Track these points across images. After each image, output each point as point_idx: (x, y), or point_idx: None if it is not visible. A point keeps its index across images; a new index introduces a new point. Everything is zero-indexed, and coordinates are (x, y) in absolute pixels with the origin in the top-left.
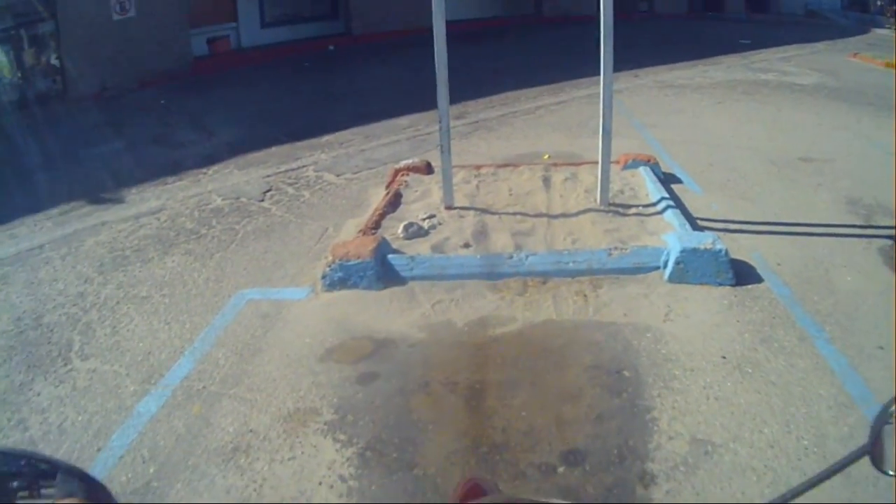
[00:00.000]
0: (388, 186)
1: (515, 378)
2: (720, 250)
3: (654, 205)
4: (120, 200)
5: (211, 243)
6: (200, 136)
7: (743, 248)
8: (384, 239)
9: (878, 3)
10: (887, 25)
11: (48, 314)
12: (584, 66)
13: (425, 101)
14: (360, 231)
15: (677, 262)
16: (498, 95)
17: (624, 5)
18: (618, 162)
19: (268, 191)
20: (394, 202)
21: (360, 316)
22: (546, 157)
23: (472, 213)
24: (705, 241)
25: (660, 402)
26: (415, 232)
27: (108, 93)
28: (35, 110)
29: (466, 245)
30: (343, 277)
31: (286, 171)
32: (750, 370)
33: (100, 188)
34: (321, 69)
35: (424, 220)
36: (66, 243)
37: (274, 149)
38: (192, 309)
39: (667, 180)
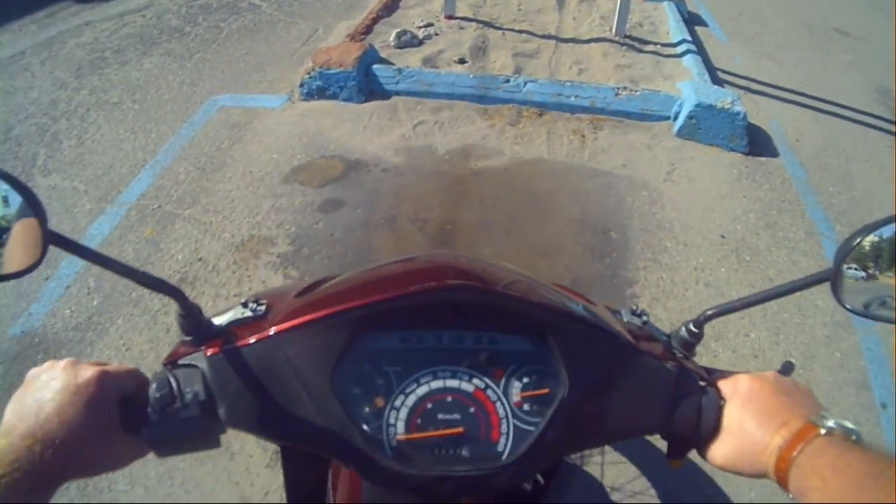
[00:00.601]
0: None
1: (491, 222)
2: (738, 112)
3: (673, 45)
4: None
5: (193, 42)
6: None
7: (762, 112)
8: (371, 47)
9: None
10: None
11: (18, 125)
12: None
13: None
14: (349, 36)
15: (690, 117)
16: None
17: None
18: None
19: None
20: (391, 5)
21: (335, 131)
22: None
23: (473, 25)
24: (724, 98)
25: (644, 276)
26: (407, 41)
27: None
28: None
29: (461, 61)
30: (322, 86)
31: None
32: (748, 258)
33: None
34: None
35: (420, 28)
36: (48, 47)
37: None
38: (161, 116)
39: (691, 21)
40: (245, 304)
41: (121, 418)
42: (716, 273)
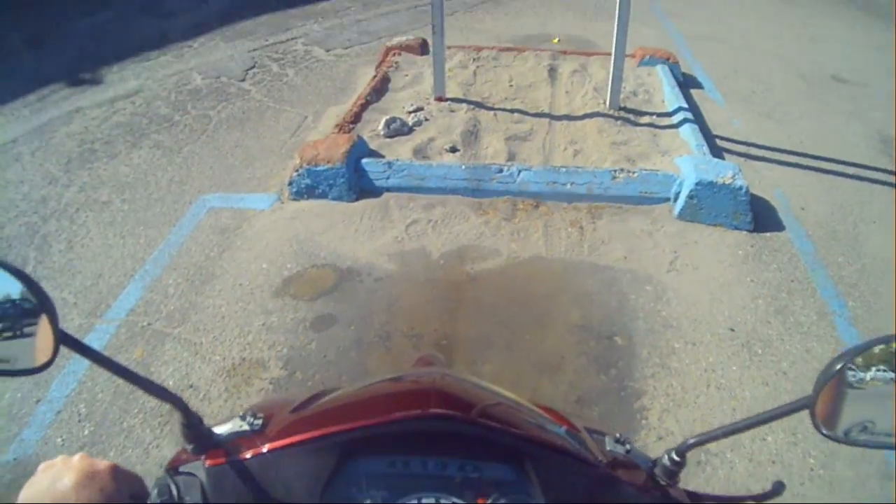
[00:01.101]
0: (378, 67)
1: (490, 336)
2: (740, 187)
3: (669, 114)
4: (98, 82)
5: (182, 133)
6: (191, 3)
7: (765, 181)
8: (360, 139)
9: None
10: None
11: (9, 224)
12: None
13: None
14: (337, 126)
15: (690, 197)
16: None
17: None
18: (633, 56)
19: (251, 68)
20: (380, 89)
21: (326, 235)
22: (556, 40)
23: (464, 106)
24: (724, 173)
25: (653, 385)
26: (397, 129)
27: None
28: None
29: (453, 149)
30: (311, 185)
31: (274, 43)
32: (760, 351)
33: (81, 67)
34: None
35: (410, 113)
36: (39, 135)
37: (265, 17)
38: (149, 219)
39: (686, 83)
40: (243, 417)
41: None
42: (727, 373)
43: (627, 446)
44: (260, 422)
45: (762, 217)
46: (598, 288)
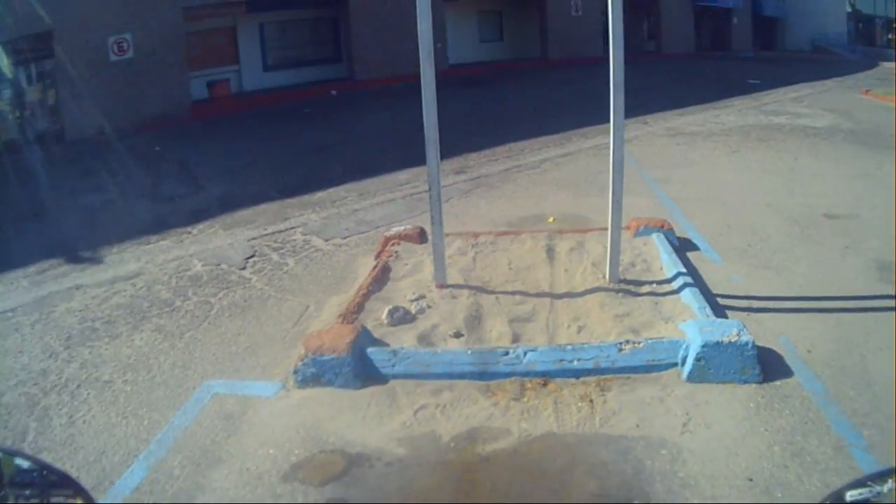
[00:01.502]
0: (377, 256)
1: None
2: (746, 343)
3: (668, 281)
4: (99, 261)
5: (183, 319)
6: (190, 190)
7: (769, 331)
8: (364, 329)
9: (886, 36)
10: None
11: (9, 392)
12: (591, 111)
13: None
14: (340, 316)
15: (698, 359)
16: (502, 146)
17: (630, 45)
18: (628, 228)
19: (251, 257)
20: (381, 278)
21: (333, 422)
22: (551, 220)
23: (466, 292)
24: (729, 332)
25: None
26: (400, 317)
27: (105, 136)
28: (33, 151)
29: (457, 335)
30: (316, 374)
31: (273, 232)
32: (780, 494)
33: (81, 245)
34: (322, 115)
35: (413, 301)
36: (38, 308)
37: (264, 206)
38: (153, 401)
39: (682, 247)
40: None
41: None
42: None
43: None
44: None
45: (770, 366)
46: (612, 457)
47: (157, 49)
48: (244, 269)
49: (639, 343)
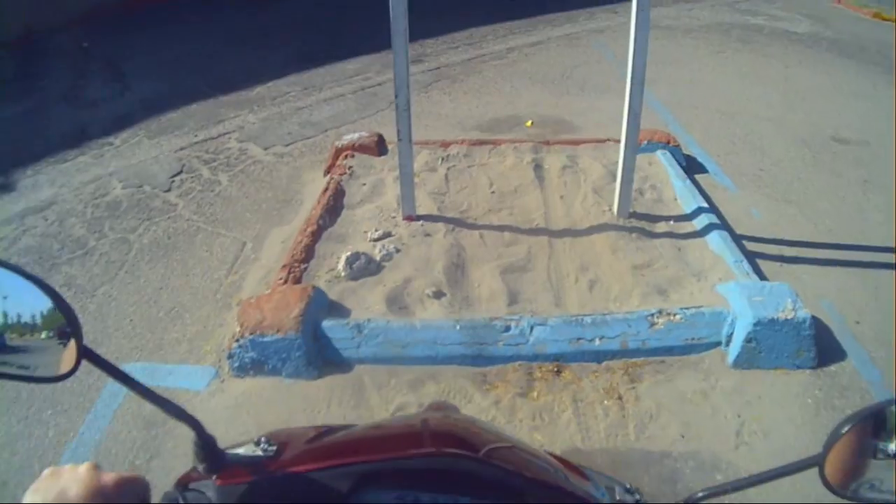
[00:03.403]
0: (327, 172)
1: None
2: (804, 320)
3: (687, 217)
4: (11, 188)
5: (97, 266)
6: (115, 91)
7: (808, 291)
8: (316, 291)
9: None
10: None
11: None
12: None
13: (379, 38)
14: (285, 266)
15: (748, 340)
16: (461, 32)
17: None
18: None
19: (178, 174)
20: (333, 206)
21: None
22: (529, 123)
23: (441, 227)
24: (783, 304)
25: None
26: (362, 267)
27: (34, 35)
28: None
29: (438, 294)
30: (258, 360)
31: (204, 139)
32: None
33: None
34: None
35: (376, 241)
36: None
37: (195, 106)
38: (58, 399)
39: (689, 167)
40: (258, 443)
41: None
42: None
43: (637, 496)
44: (274, 448)
45: (820, 344)
46: (657, 487)
47: None
48: (169, 190)
49: (674, 315)
